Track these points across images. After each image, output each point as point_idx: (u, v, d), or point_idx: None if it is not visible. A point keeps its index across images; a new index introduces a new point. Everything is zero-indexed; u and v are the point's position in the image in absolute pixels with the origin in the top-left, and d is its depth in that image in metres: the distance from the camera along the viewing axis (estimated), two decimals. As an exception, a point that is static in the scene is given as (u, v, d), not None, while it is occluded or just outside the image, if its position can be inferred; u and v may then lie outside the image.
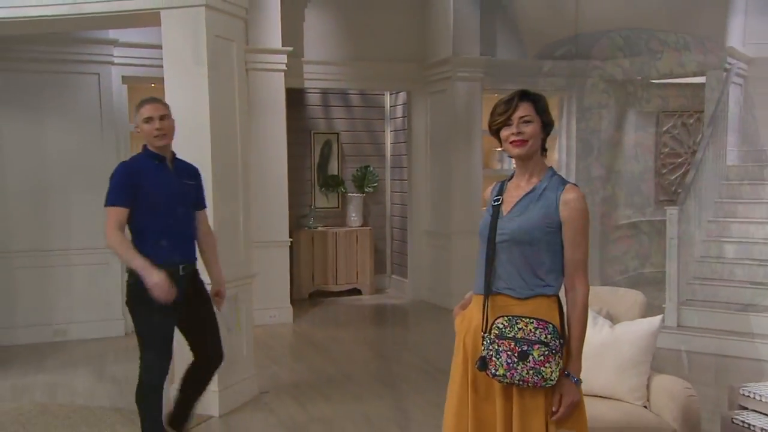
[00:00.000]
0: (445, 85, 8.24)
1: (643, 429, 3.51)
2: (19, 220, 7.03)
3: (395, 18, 8.46)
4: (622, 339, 3.76)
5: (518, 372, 2.51)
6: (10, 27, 5.50)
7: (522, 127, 2.62)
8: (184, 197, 3.94)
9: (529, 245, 2.62)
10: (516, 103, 2.63)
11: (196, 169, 4.14)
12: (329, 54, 8.25)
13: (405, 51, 8.52)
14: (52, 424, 4.91)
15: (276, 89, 7.68)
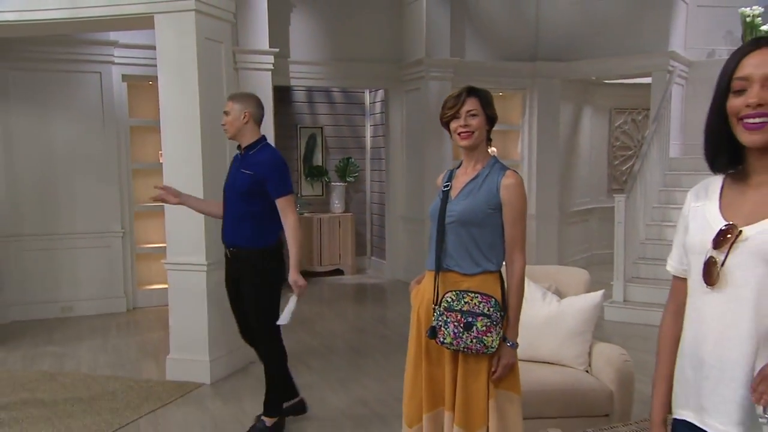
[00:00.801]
0: (418, 83, 8.26)
1: (584, 391, 3.57)
2: (29, 206, 7.03)
3: (374, 22, 8.46)
4: (568, 312, 3.83)
5: (463, 341, 2.58)
6: (18, 29, 5.48)
7: (469, 120, 2.69)
8: (233, 184, 3.90)
9: (474, 225, 2.69)
10: (464, 98, 2.70)
11: (261, 161, 3.85)
12: (313, 54, 8.23)
13: (383, 52, 8.52)
14: (58, 391, 4.92)
15: (264, 87, 7.63)
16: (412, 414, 2.77)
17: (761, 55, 1.50)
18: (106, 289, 7.32)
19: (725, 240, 1.55)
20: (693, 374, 1.64)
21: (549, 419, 3.39)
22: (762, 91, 1.48)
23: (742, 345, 1.53)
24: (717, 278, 1.56)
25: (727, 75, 1.55)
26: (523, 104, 8.98)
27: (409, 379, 2.82)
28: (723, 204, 1.64)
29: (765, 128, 1.49)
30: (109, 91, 7.16)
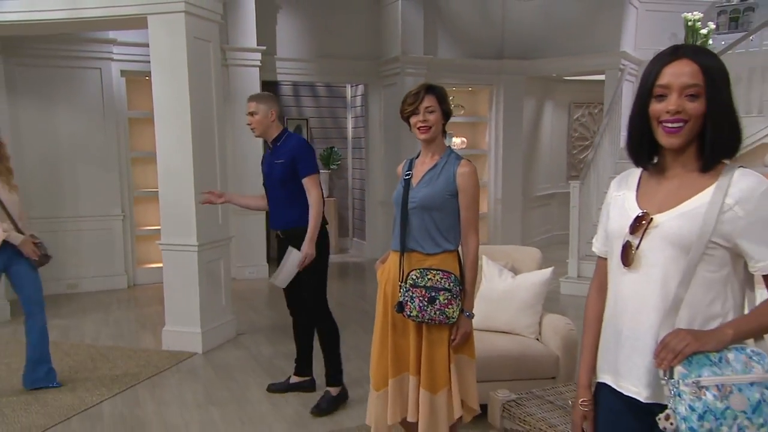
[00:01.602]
0: (395, 79, 8.24)
1: (534, 356, 3.66)
2: (35, 191, 6.97)
3: (354, 22, 8.42)
4: (521, 286, 3.89)
5: (428, 313, 2.62)
6: (20, 29, 5.45)
7: (427, 116, 2.72)
8: (271, 176, 3.90)
9: (434, 210, 2.72)
10: (422, 96, 2.71)
11: (289, 148, 3.87)
12: (298, 52, 8.20)
13: (362, 50, 8.49)
14: (64, 360, 4.92)
15: (252, 82, 7.64)
16: (379, 379, 2.80)
17: (680, 65, 1.53)
18: (108, 268, 7.33)
19: (640, 226, 1.60)
20: (613, 344, 1.69)
21: (503, 381, 3.45)
22: (679, 99, 1.52)
23: (650, 318, 1.58)
24: (632, 260, 1.61)
25: (649, 81, 1.58)
26: (490, 98, 8.97)
27: (376, 349, 2.86)
28: (640, 194, 1.68)
29: (681, 132, 1.54)
30: (108, 86, 7.12)
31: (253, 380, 4.55)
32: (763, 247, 1.52)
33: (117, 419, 3.92)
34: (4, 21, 5.19)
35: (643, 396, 1.61)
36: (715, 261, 1.55)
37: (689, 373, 1.46)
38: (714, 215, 1.52)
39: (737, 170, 1.56)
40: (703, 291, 1.55)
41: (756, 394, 1.43)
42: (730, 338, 1.49)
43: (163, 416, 3.96)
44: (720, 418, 1.42)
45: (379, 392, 2.80)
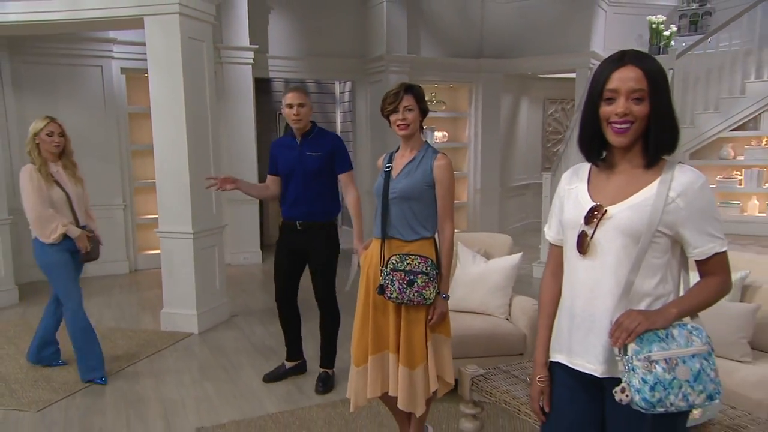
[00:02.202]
0: (380, 76, 8.21)
1: (504, 334, 3.69)
2: (41, 182, 6.97)
3: (342, 22, 8.37)
4: (493, 270, 3.93)
5: (407, 295, 2.65)
6: (23, 29, 5.42)
7: (406, 114, 2.72)
8: (302, 167, 3.65)
9: (413, 200, 2.73)
10: (401, 96, 2.71)
11: (329, 141, 3.74)
12: (289, 50, 8.14)
13: (350, 49, 8.45)
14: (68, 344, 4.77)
15: (245, 79, 7.62)
16: (360, 356, 2.82)
17: (627, 71, 1.57)
18: (110, 254, 7.24)
19: (594, 217, 1.64)
20: (567, 325, 1.74)
21: (476, 358, 3.46)
22: (627, 102, 1.57)
23: (605, 301, 1.63)
24: (587, 248, 1.66)
25: (599, 85, 1.61)
26: (469, 95, 8.95)
27: (358, 328, 2.87)
28: (591, 187, 1.72)
29: (628, 132, 1.59)
30: (109, 82, 7.08)
31: (245, 359, 4.57)
32: (700, 236, 1.59)
33: (118, 394, 3.93)
34: (6, 21, 5.16)
35: (599, 372, 1.66)
36: (659, 248, 1.61)
37: (641, 349, 1.52)
38: (660, 207, 1.57)
39: (677, 166, 1.61)
40: (650, 275, 1.61)
41: (696, 365, 1.51)
42: (674, 316, 1.55)
43: (161, 392, 3.98)
44: (668, 388, 1.49)
45: (359, 368, 2.82)
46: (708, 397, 1.52)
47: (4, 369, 4.34)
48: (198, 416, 3.62)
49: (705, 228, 1.59)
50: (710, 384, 1.52)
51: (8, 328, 5.29)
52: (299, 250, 3.78)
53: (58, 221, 3.84)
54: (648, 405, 1.50)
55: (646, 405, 1.50)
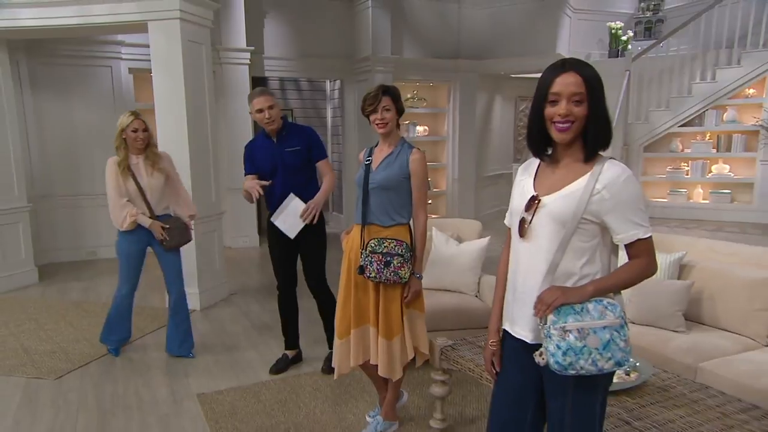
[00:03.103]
0: (367, 75, 8.20)
1: (472, 309, 3.73)
2: (58, 173, 6.96)
3: (331, 26, 8.35)
4: (464, 252, 3.97)
5: (384, 274, 2.69)
6: (37, 33, 5.43)
7: (384, 114, 2.74)
8: (284, 163, 3.52)
9: (390, 190, 2.76)
10: (380, 97, 2.73)
11: (305, 134, 3.59)
12: (284, 51, 8.12)
13: (339, 50, 8.43)
14: (83, 316, 4.98)
15: (242, 78, 7.60)
16: (342, 329, 2.87)
17: (568, 76, 1.62)
18: (121, 238, 7.32)
19: (532, 205, 1.70)
20: (510, 298, 1.82)
21: (447, 331, 3.52)
22: (568, 104, 1.62)
23: (537, 278, 1.70)
24: (526, 232, 1.72)
25: (544, 89, 1.66)
26: (448, 92, 8.96)
27: (341, 304, 2.91)
28: (537, 179, 1.77)
29: (570, 130, 1.64)
30: (118, 81, 7.05)
31: (242, 333, 4.61)
32: (623, 223, 1.64)
33: (127, 364, 3.98)
34: (22, 26, 5.14)
35: (529, 338, 1.75)
36: (586, 233, 1.66)
37: (558, 320, 1.59)
38: (586, 197, 1.63)
39: (607, 161, 1.66)
40: (577, 257, 1.67)
41: (607, 335, 1.58)
42: (590, 293, 1.62)
43: (165, 362, 4.03)
44: (578, 354, 1.57)
45: (342, 340, 2.86)
46: (616, 363, 1.59)
47: (26, 342, 4.37)
48: (199, 384, 3.67)
49: (628, 216, 1.63)
50: (619, 353, 1.59)
51: (29, 305, 5.32)
52: (290, 241, 3.66)
53: (129, 210, 3.73)
54: (560, 367, 1.58)
55: (558, 367, 1.59)
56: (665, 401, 2.31)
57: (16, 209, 5.91)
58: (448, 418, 3.05)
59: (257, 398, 3.42)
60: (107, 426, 3.16)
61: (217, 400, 3.41)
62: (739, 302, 3.14)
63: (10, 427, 3.15)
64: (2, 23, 5.16)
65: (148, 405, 3.38)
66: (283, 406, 3.32)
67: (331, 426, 3.09)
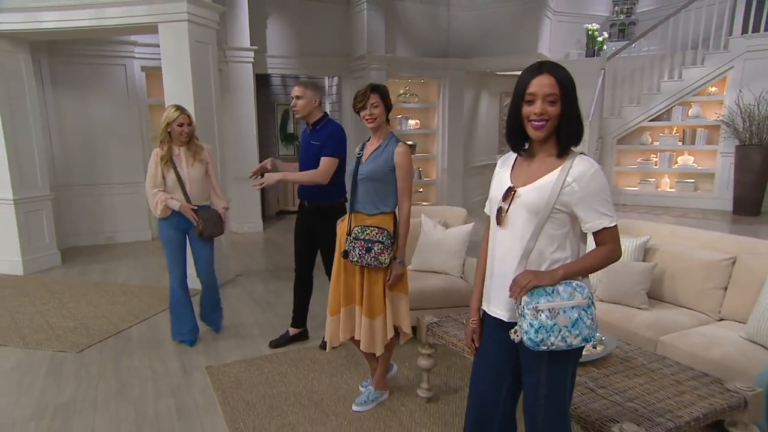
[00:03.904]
0: (362, 72, 8.18)
1: (458, 289, 3.77)
2: (77, 164, 6.95)
3: (329, 26, 8.31)
4: (450, 237, 3.99)
5: (365, 259, 2.70)
6: (59, 34, 5.40)
7: (373, 110, 2.73)
8: (307, 153, 3.50)
9: (377, 181, 2.75)
10: (369, 95, 2.72)
11: (326, 132, 3.47)
12: (285, 50, 8.09)
13: (337, 49, 8.40)
14: (103, 296, 5.00)
15: (247, 75, 7.57)
16: (334, 307, 2.88)
17: (543, 78, 1.63)
18: (136, 223, 7.34)
19: (508, 195, 1.72)
20: (488, 281, 1.85)
21: (435, 309, 3.57)
22: (543, 104, 1.63)
23: (513, 262, 1.73)
24: (503, 220, 1.75)
25: (521, 89, 1.67)
26: (438, 89, 8.95)
27: (332, 285, 2.93)
28: (513, 172, 1.78)
29: (544, 128, 1.65)
30: (131, 79, 7.02)
31: (247, 311, 4.64)
32: (591, 213, 1.66)
33: (142, 339, 4.02)
34: (44, 29, 5.13)
35: (506, 317, 1.77)
36: (557, 222, 1.68)
37: (531, 301, 1.62)
38: (557, 189, 1.65)
39: (577, 156, 1.68)
40: (548, 243, 1.69)
41: (575, 314, 1.61)
42: (560, 276, 1.65)
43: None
44: (549, 331, 1.60)
45: (333, 317, 2.87)
46: (584, 339, 1.63)
47: (50, 319, 4.41)
48: (207, 357, 3.71)
49: (595, 207, 1.64)
50: (586, 330, 1.62)
51: (53, 286, 5.35)
52: (310, 230, 3.63)
53: (159, 197, 3.62)
54: (533, 344, 1.62)
55: (531, 344, 1.62)
56: (627, 371, 2.38)
57: (39, 198, 5.92)
58: (434, 387, 3.11)
59: (260, 370, 3.46)
60: (125, 395, 3.21)
61: (223, 371, 3.45)
62: (696, 282, 3.20)
63: (38, 395, 3.21)
64: (26, 26, 5.15)
65: (161, 376, 3.43)
66: (284, 378, 3.36)
67: (327, 395, 3.14)
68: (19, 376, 3.46)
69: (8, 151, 5.55)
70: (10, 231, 5.71)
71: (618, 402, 2.11)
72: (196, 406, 3.06)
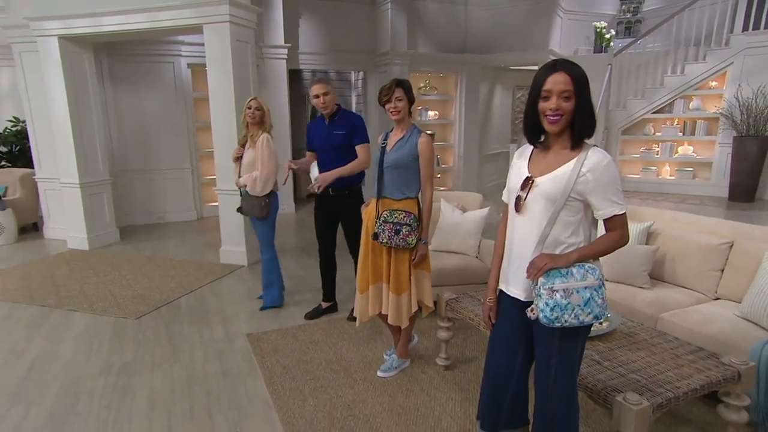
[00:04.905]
0: (386, 67, 8.10)
1: (473, 268, 3.73)
2: (133, 152, 7.05)
3: (356, 25, 8.22)
4: (467, 220, 3.95)
5: (394, 240, 2.69)
6: (118, 36, 5.43)
7: (397, 103, 2.69)
8: (330, 143, 3.44)
9: (402, 169, 2.73)
10: (393, 89, 2.69)
11: (351, 121, 3.46)
12: (315, 47, 8.03)
13: (363, 45, 8.31)
14: (155, 269, 5.08)
15: (281, 71, 7.54)
16: (362, 285, 2.89)
17: (558, 75, 1.61)
18: (183, 205, 7.43)
19: (526, 185, 1.71)
20: (506, 263, 1.83)
21: (452, 286, 3.57)
22: (558, 100, 1.61)
23: (530, 247, 1.71)
24: (521, 208, 1.73)
25: (537, 86, 1.65)
26: (456, 82, 8.81)
27: (360, 265, 2.92)
28: (531, 163, 1.76)
29: (559, 122, 1.63)
30: (179, 75, 7.05)
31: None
32: (603, 201, 1.64)
33: (191, 309, 4.09)
34: (106, 32, 5.21)
35: (523, 297, 1.77)
36: (572, 209, 1.66)
37: (546, 281, 1.62)
38: (573, 179, 1.63)
39: (591, 148, 1.66)
40: (564, 229, 1.68)
41: (587, 294, 1.60)
42: (574, 259, 1.63)
43: (221, 307, 4.11)
44: (563, 309, 1.60)
45: (362, 294, 2.89)
46: (595, 317, 1.62)
47: (112, 288, 4.52)
48: (248, 325, 3.76)
49: (608, 195, 1.62)
50: (597, 308, 1.61)
51: (113, 259, 5.47)
52: (333, 213, 3.60)
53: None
54: (548, 321, 1.62)
55: (546, 321, 1.62)
56: (630, 345, 2.36)
57: (101, 182, 6.03)
58: (451, 357, 3.12)
59: (295, 338, 3.50)
60: (177, 357, 3.29)
61: (262, 339, 3.49)
62: (694, 264, 3.15)
63: (105, 355, 3.32)
64: (91, 29, 5.22)
65: (208, 342, 3.49)
66: (316, 345, 3.40)
67: (355, 361, 3.18)
68: (89, 338, 3.58)
69: (75, 141, 5.66)
70: (78, 211, 5.85)
71: (622, 373, 2.10)
72: (239, 369, 3.12)
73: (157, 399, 2.82)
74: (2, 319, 3.91)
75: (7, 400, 2.83)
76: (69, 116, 5.58)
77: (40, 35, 5.42)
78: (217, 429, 2.55)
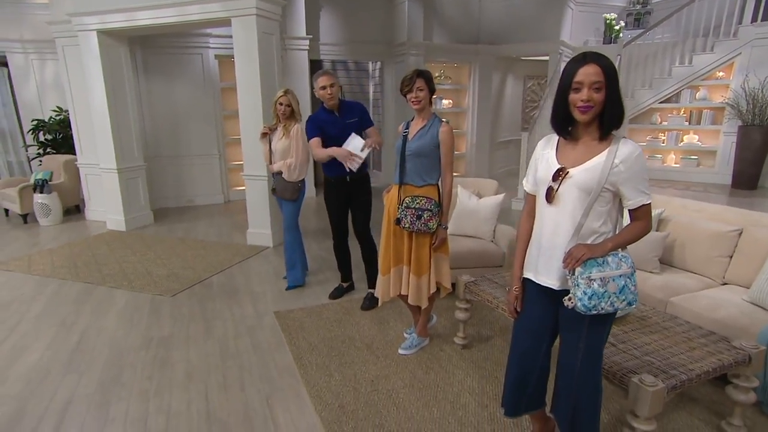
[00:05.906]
0: (403, 58, 7.99)
1: (489, 252, 3.70)
2: (164, 139, 7.07)
3: (374, 16, 8.08)
4: (483, 206, 3.90)
5: (416, 225, 2.67)
6: (152, 30, 5.39)
7: (418, 93, 2.64)
8: (346, 132, 3.33)
9: (423, 157, 2.69)
10: (414, 79, 2.63)
11: (357, 108, 3.43)
12: (335, 38, 7.92)
13: (380, 36, 8.19)
14: (186, 250, 5.10)
15: (302, 61, 7.47)
16: (384, 267, 2.87)
17: (589, 67, 1.55)
18: (212, 189, 7.46)
19: (559, 176, 1.65)
20: (535, 252, 1.78)
21: (468, 269, 3.56)
22: (589, 91, 1.56)
23: (564, 237, 1.67)
24: (553, 198, 1.68)
25: (569, 77, 1.59)
26: (469, 72, 8.67)
27: (382, 249, 2.90)
28: (558, 153, 1.71)
29: (590, 112, 1.58)
30: (207, 65, 7.02)
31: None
32: (634, 191, 1.60)
33: (221, 287, 4.11)
34: (140, 26, 5.19)
35: (556, 286, 1.71)
36: (604, 200, 1.62)
37: (584, 271, 1.58)
38: (607, 170, 1.58)
39: (622, 140, 1.61)
40: (596, 219, 1.64)
41: (622, 282, 1.57)
42: (609, 248, 1.60)
43: (249, 286, 4.13)
44: (601, 298, 1.57)
45: (384, 276, 2.87)
46: (628, 303, 1.60)
47: (149, 267, 4.56)
48: (275, 304, 3.77)
49: (638, 186, 1.59)
50: (630, 295, 1.59)
51: (148, 240, 5.51)
52: (346, 198, 3.54)
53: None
54: (586, 309, 1.59)
55: (584, 309, 1.59)
56: (643, 328, 2.33)
57: (136, 167, 6.06)
58: (468, 336, 3.11)
59: (320, 316, 3.51)
60: (211, 332, 3.32)
61: (289, 316, 3.50)
62: (703, 250, 3.08)
63: (144, 330, 3.36)
64: (126, 23, 5.20)
65: (238, 318, 3.52)
66: (339, 323, 3.40)
67: (377, 339, 3.18)
68: (130, 313, 3.63)
69: (113, 129, 5.69)
70: (116, 195, 5.91)
71: (636, 356, 2.07)
72: (268, 344, 3.14)
73: (193, 371, 2.85)
74: (54, 295, 3.99)
75: (61, 370, 2.89)
76: (107, 106, 5.61)
77: (81, 30, 5.43)
78: (249, 400, 2.57)
